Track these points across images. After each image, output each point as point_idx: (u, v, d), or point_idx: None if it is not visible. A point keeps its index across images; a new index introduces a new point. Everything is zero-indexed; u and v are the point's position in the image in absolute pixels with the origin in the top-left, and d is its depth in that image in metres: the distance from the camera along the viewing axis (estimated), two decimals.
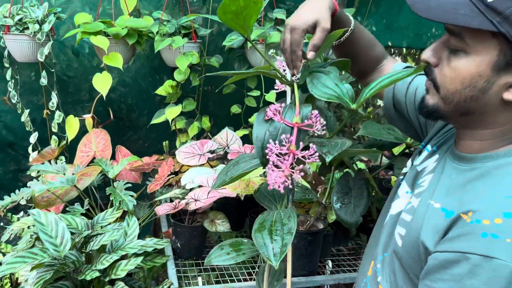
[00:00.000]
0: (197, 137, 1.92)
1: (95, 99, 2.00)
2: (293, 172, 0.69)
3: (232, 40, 1.77)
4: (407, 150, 1.35)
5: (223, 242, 0.89)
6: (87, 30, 1.59)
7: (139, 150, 2.17)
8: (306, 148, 0.72)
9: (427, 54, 0.71)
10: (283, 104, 0.76)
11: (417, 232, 0.71)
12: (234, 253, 0.87)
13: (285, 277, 0.84)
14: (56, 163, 1.73)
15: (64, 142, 1.77)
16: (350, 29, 0.87)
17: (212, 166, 1.45)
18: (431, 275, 0.64)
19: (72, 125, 1.71)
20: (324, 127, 0.74)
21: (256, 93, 1.86)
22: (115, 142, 1.95)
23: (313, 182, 1.46)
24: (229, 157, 1.41)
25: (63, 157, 1.78)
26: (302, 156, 0.70)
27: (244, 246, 0.88)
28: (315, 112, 0.74)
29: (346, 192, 1.23)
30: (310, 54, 0.78)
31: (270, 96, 1.77)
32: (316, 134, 0.75)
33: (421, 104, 0.75)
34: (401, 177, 0.90)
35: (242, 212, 1.42)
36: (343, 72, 1.25)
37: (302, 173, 0.71)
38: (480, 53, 0.63)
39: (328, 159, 0.71)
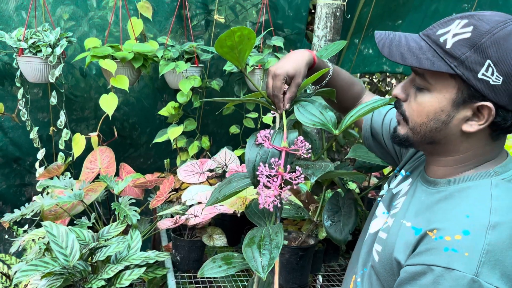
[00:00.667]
0: (197, 155, 2.01)
1: (99, 117, 2.09)
2: (281, 192, 0.78)
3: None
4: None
5: (216, 255, 0.96)
6: (96, 54, 1.70)
7: (140, 167, 2.26)
8: (294, 170, 0.81)
9: (397, 91, 0.82)
10: (271, 131, 0.85)
11: (391, 248, 0.79)
12: (225, 266, 0.94)
13: None
14: (60, 179, 1.81)
15: (70, 158, 1.86)
16: (329, 75, 0.98)
17: (211, 184, 1.54)
18: (403, 286, 0.73)
19: (79, 143, 1.80)
20: (310, 151, 0.83)
21: (254, 115, 1.96)
22: (118, 159, 2.03)
23: (306, 201, 1.54)
24: (227, 175, 1.50)
25: (68, 173, 1.86)
26: (290, 178, 0.79)
27: (234, 260, 0.95)
28: (300, 138, 0.83)
29: (336, 211, 1.31)
30: (286, 106, 0.88)
31: (267, 118, 1.87)
32: (302, 157, 0.84)
33: (394, 134, 0.85)
34: (379, 198, 1.00)
35: (238, 228, 1.50)
36: None
37: (290, 194, 0.80)
38: (441, 91, 0.73)
39: (312, 180, 0.80)
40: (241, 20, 2.13)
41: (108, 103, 1.72)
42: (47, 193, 1.53)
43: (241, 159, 1.80)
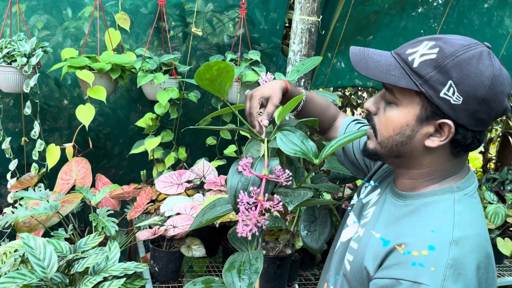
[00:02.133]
0: (173, 167, 2.02)
1: (73, 127, 2.07)
2: (260, 220, 0.81)
3: None
4: None
5: (197, 279, 0.97)
6: (73, 64, 1.69)
7: (114, 178, 2.23)
8: (272, 197, 0.84)
9: (368, 104, 0.87)
10: (252, 159, 0.88)
11: (361, 258, 0.84)
12: None
13: None
14: (34, 190, 1.78)
15: (44, 169, 1.83)
16: (303, 100, 1.04)
17: (188, 195, 1.55)
18: None
19: (53, 153, 1.78)
20: (290, 178, 0.86)
21: (231, 126, 1.98)
22: (92, 170, 2.01)
23: (283, 211, 1.57)
24: (205, 186, 1.52)
25: (42, 184, 1.83)
26: (269, 205, 0.82)
27: (215, 284, 0.96)
28: (278, 167, 0.86)
29: (312, 221, 1.35)
30: (265, 122, 0.93)
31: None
32: (284, 184, 0.87)
33: (364, 148, 0.90)
34: (349, 208, 1.04)
35: (216, 239, 1.51)
36: None
37: (267, 222, 0.83)
38: (407, 107, 0.78)
39: (290, 207, 0.84)
40: (218, 33, 2.17)
41: (85, 114, 1.71)
42: (20, 205, 1.50)
43: (219, 170, 1.82)
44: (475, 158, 5.53)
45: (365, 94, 3.69)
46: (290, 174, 0.87)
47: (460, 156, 0.81)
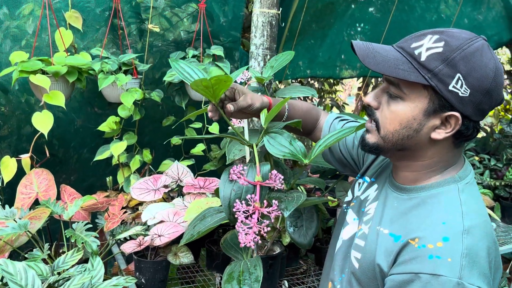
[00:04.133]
0: (138, 170, 1.93)
1: (22, 136, 1.93)
2: (260, 228, 0.79)
3: (173, 76, 1.84)
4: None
5: None
6: (25, 69, 1.56)
7: (73, 187, 2.11)
8: (270, 203, 0.83)
9: (369, 99, 0.86)
10: (245, 167, 0.86)
11: (372, 255, 0.84)
12: None
13: None
14: None
15: None
16: (286, 111, 1.04)
17: (165, 200, 1.49)
18: None
19: (8, 166, 1.64)
20: (283, 182, 0.85)
21: (197, 125, 1.93)
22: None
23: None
24: (184, 190, 1.47)
25: None
26: (267, 212, 0.81)
27: None
28: (274, 171, 0.85)
29: (298, 216, 1.35)
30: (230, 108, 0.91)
31: (214, 128, 1.86)
32: (276, 188, 0.86)
33: (362, 143, 0.89)
34: (345, 205, 1.05)
35: (198, 243, 1.47)
36: None
37: (269, 228, 0.82)
38: (414, 100, 0.79)
39: (286, 214, 0.83)
40: (176, 28, 2.09)
41: (43, 122, 1.59)
42: None
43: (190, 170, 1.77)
44: None
45: (316, 83, 3.74)
46: (282, 178, 0.86)
47: (460, 147, 0.84)
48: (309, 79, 3.65)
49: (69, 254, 1.22)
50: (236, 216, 0.80)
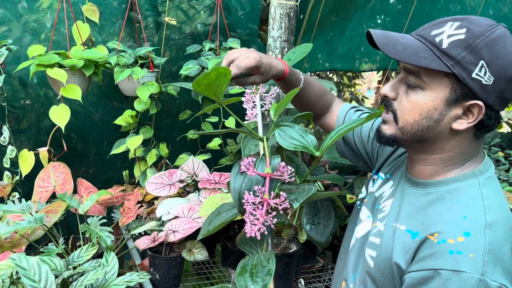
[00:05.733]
0: (155, 164, 1.93)
1: (42, 130, 1.93)
2: (268, 219, 0.78)
3: (190, 69, 1.82)
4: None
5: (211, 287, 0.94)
6: (42, 62, 1.56)
7: (90, 180, 2.12)
8: (278, 195, 0.81)
9: (386, 90, 0.83)
10: (253, 158, 0.84)
11: (388, 253, 0.80)
12: None
13: None
14: (8, 200, 1.65)
15: (17, 177, 1.70)
16: (300, 86, 0.99)
17: (180, 195, 1.48)
18: None
19: (26, 160, 1.65)
20: (293, 174, 0.83)
21: (214, 119, 1.90)
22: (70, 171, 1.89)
23: (290, 208, 1.53)
24: (199, 185, 1.45)
25: (16, 193, 1.70)
26: (275, 203, 0.79)
27: None
28: (282, 163, 0.83)
29: (315, 213, 1.32)
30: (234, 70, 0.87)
31: (230, 122, 1.83)
32: (287, 181, 0.84)
33: (379, 135, 0.86)
34: (358, 202, 1.01)
35: (214, 239, 1.46)
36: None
37: (275, 220, 0.80)
38: (435, 90, 0.76)
39: (295, 205, 0.82)
40: (192, 21, 2.07)
41: (60, 115, 1.59)
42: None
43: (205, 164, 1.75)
44: None
45: (335, 77, 3.68)
46: (293, 170, 0.84)
47: (480, 138, 0.80)
48: (328, 73, 3.59)
49: (84, 248, 1.21)
50: (244, 207, 0.79)
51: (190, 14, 2.05)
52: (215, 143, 1.90)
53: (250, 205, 0.79)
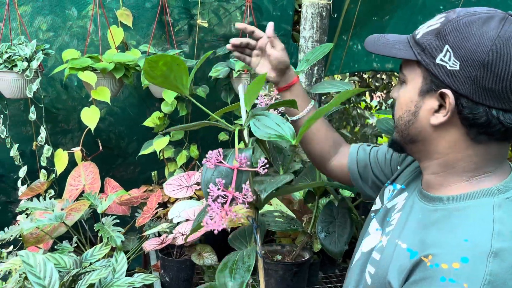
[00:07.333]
0: (186, 165, 1.95)
1: (84, 129, 2.02)
2: (229, 212, 0.73)
3: (218, 71, 1.82)
4: None
5: (199, 286, 0.93)
6: (74, 66, 1.63)
7: (129, 177, 2.19)
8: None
9: (392, 93, 0.82)
10: (221, 150, 0.80)
11: (385, 271, 0.73)
12: None
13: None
14: (45, 197, 1.74)
15: (53, 175, 1.79)
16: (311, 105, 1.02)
17: (198, 197, 1.48)
18: None
19: (61, 159, 1.73)
20: (266, 166, 0.78)
21: (241, 121, 1.89)
22: (105, 170, 1.96)
23: (299, 210, 1.49)
24: None
25: (52, 191, 1.79)
26: (243, 196, 0.74)
27: None
28: (244, 154, 0.77)
29: (330, 221, 1.26)
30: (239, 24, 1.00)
31: None
32: (261, 174, 0.79)
33: (390, 142, 0.83)
34: (373, 214, 0.93)
35: (226, 243, 1.43)
36: None
37: (235, 214, 0.75)
38: (411, 82, 0.73)
39: (263, 196, 0.78)
40: (225, 23, 2.07)
41: (90, 117, 1.66)
42: (26, 215, 1.46)
43: None
44: None
45: (384, 77, 3.53)
46: (265, 161, 0.78)
47: (483, 143, 0.69)
48: (377, 73, 3.45)
49: (98, 247, 1.25)
50: (207, 201, 0.75)
51: (222, 16, 2.05)
52: (242, 145, 1.88)
53: (213, 197, 0.74)
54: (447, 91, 0.67)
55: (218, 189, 0.75)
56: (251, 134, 0.89)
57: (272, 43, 0.98)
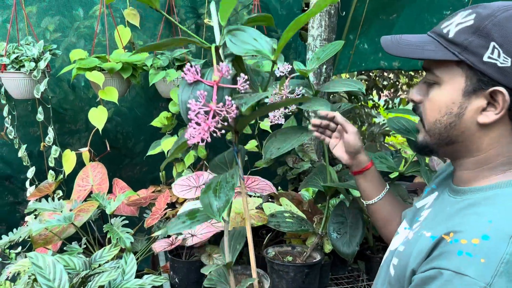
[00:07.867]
0: (194, 165, 1.93)
1: (91, 130, 2.02)
2: (211, 126, 0.70)
3: None
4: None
5: (181, 213, 0.92)
6: (82, 66, 1.62)
7: (136, 177, 2.18)
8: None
9: (411, 93, 0.79)
10: (199, 67, 0.77)
11: (407, 260, 0.72)
12: (189, 221, 0.89)
13: (246, 241, 0.90)
14: (53, 197, 1.74)
15: (61, 176, 1.78)
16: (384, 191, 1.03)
17: None
18: None
19: (69, 159, 1.72)
20: (247, 82, 0.76)
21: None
22: (113, 171, 1.95)
23: (309, 210, 1.47)
24: None
25: (60, 191, 1.79)
26: (225, 110, 0.72)
27: (198, 214, 0.90)
28: (225, 64, 0.75)
29: (342, 222, 1.24)
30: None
31: (265, 124, 1.80)
32: (242, 91, 0.77)
33: (414, 145, 0.81)
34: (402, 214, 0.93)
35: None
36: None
37: (219, 125, 0.72)
38: (449, 82, 0.70)
39: (243, 108, 0.73)
40: (232, 22, 2.05)
41: (98, 117, 1.65)
42: (35, 216, 1.45)
43: None
44: None
45: (391, 75, 3.50)
46: (246, 77, 0.76)
47: None
48: (384, 71, 3.43)
49: (107, 248, 1.24)
50: (188, 116, 0.73)
51: (230, 15, 2.03)
52: (252, 145, 1.87)
53: (193, 113, 0.72)
54: (501, 89, 0.66)
55: (199, 102, 0.72)
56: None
57: (344, 128, 1.01)
